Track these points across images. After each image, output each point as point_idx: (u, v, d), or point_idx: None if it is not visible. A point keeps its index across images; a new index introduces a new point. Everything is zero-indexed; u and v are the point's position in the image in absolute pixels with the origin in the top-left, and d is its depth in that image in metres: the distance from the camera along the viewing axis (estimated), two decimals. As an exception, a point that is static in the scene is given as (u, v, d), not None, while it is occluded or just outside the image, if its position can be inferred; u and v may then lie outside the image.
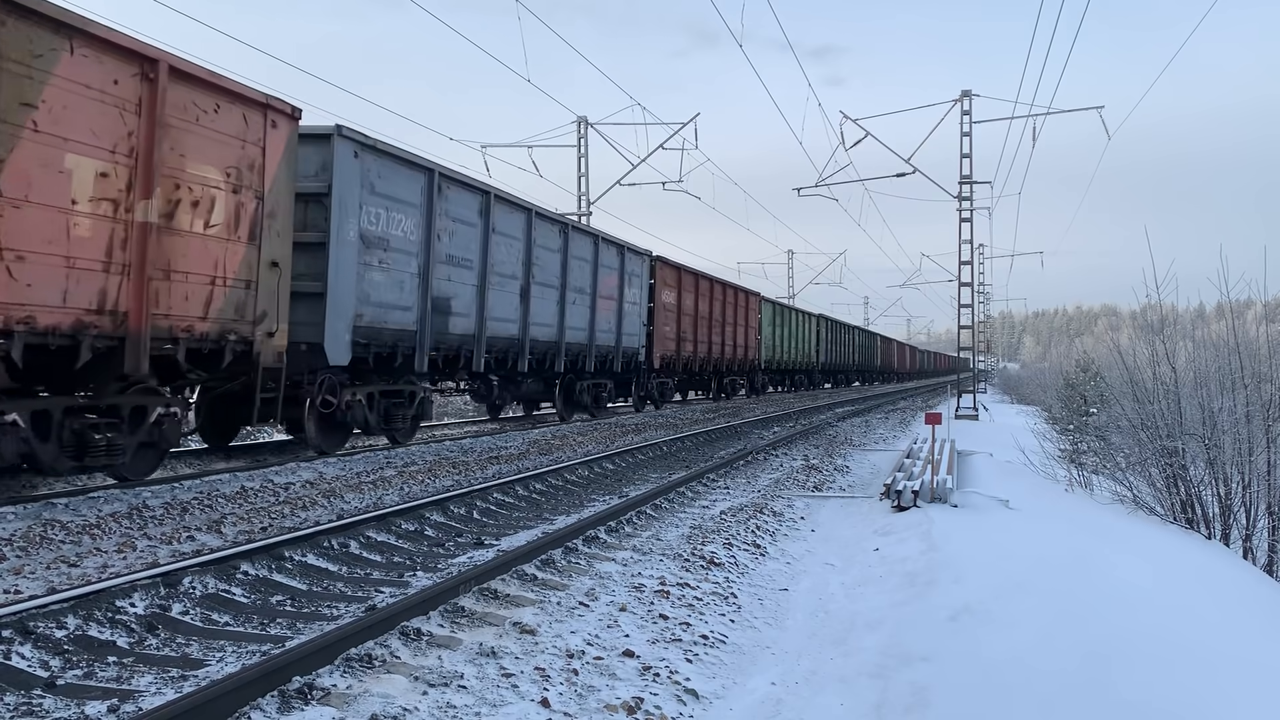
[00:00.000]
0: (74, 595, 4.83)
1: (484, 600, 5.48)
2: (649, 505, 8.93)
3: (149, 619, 4.87)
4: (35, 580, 5.58)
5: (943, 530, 7.58)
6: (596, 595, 5.68)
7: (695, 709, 4.13)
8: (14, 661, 4.17)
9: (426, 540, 7.28)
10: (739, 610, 5.72)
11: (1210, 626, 5.72)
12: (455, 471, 10.80)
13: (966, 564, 6.38)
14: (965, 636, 4.85)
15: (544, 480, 10.13)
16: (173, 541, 6.74)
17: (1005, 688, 4.19)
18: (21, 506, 7.31)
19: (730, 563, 6.78)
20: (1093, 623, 5.13)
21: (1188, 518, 11.02)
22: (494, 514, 8.50)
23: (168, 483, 8.83)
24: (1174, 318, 13.22)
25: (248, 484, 9.02)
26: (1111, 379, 15.27)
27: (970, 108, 29.80)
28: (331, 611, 5.26)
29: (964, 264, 31.34)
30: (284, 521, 7.60)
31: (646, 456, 13.21)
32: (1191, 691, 4.31)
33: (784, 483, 11.28)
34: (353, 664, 4.25)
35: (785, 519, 8.83)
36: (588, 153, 31.64)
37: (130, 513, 7.43)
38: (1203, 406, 11.15)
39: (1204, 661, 4.81)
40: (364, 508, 8.21)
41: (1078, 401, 22.95)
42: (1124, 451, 12.83)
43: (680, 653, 4.75)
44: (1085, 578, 6.21)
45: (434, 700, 3.93)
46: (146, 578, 5.24)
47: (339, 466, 10.58)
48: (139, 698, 3.84)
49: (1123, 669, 4.44)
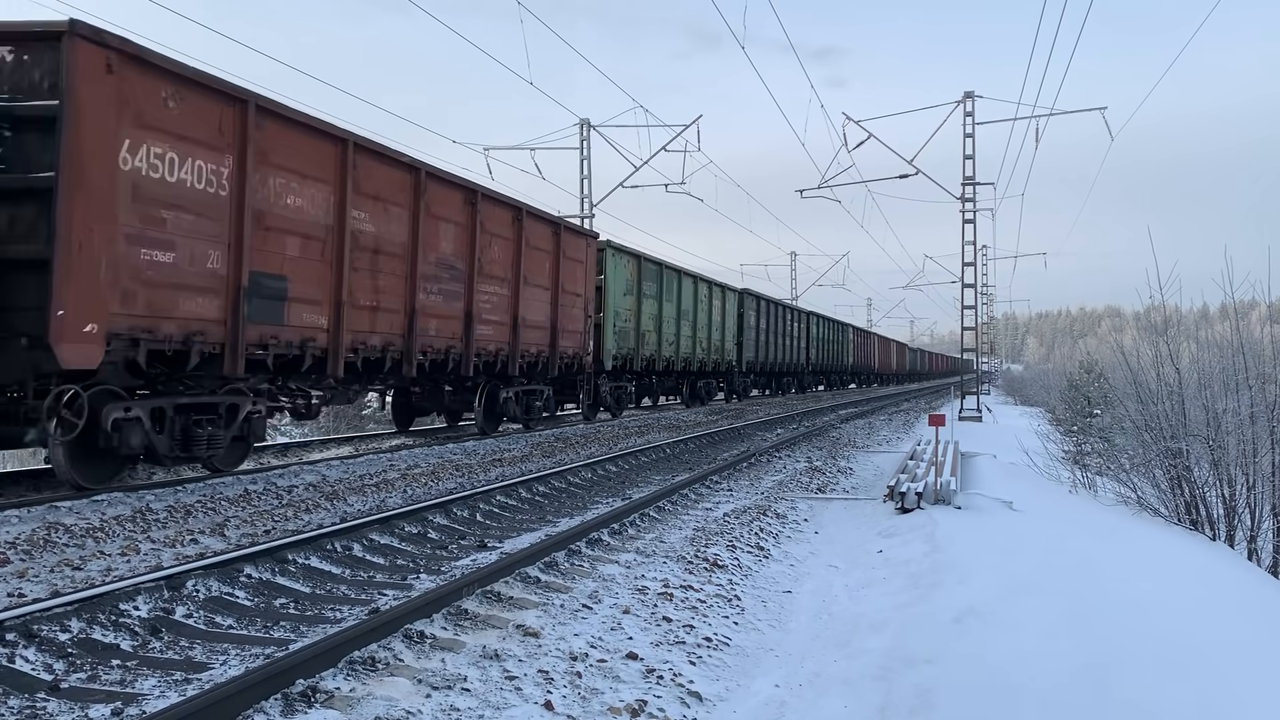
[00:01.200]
0: (78, 598, 4.82)
1: (487, 603, 5.47)
2: (651, 508, 8.93)
3: (153, 622, 4.87)
4: (39, 583, 5.58)
5: (946, 532, 7.57)
6: (600, 597, 5.68)
7: (699, 711, 4.12)
8: (18, 665, 4.17)
9: (430, 543, 7.28)
10: (742, 612, 5.71)
11: (1215, 628, 5.70)
12: (458, 474, 10.80)
13: (970, 566, 6.37)
14: (969, 638, 4.84)
15: (547, 483, 10.13)
16: (176, 544, 6.75)
17: (1009, 690, 4.18)
18: (25, 510, 7.32)
19: (734, 565, 6.77)
20: (1097, 624, 5.13)
21: (1192, 519, 11.01)
22: (497, 516, 8.50)
23: (171, 486, 8.83)
24: (1178, 319, 13.23)
25: (251, 487, 9.03)
26: (1115, 380, 15.26)
27: (973, 109, 29.83)
28: (335, 614, 5.26)
29: (967, 265, 31.35)
30: (287, 524, 7.60)
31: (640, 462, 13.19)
32: (1196, 693, 4.30)
33: (787, 484, 11.27)
34: (356, 667, 4.25)
35: (789, 521, 8.82)
36: (590, 155, 31.70)
37: (134, 515, 7.44)
38: (1207, 407, 11.13)
39: (1209, 663, 4.80)
40: (367, 510, 8.21)
41: (1081, 403, 22.97)
42: (1128, 453, 12.83)
43: (684, 655, 4.75)
44: (1089, 579, 6.21)
45: (437, 703, 3.93)
46: (150, 581, 5.24)
47: (342, 470, 10.58)
48: (143, 701, 3.84)
49: (1127, 671, 4.43)
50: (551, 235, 16.54)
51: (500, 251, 14.63)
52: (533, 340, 16.03)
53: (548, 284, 16.50)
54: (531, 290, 15.77)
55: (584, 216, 31.19)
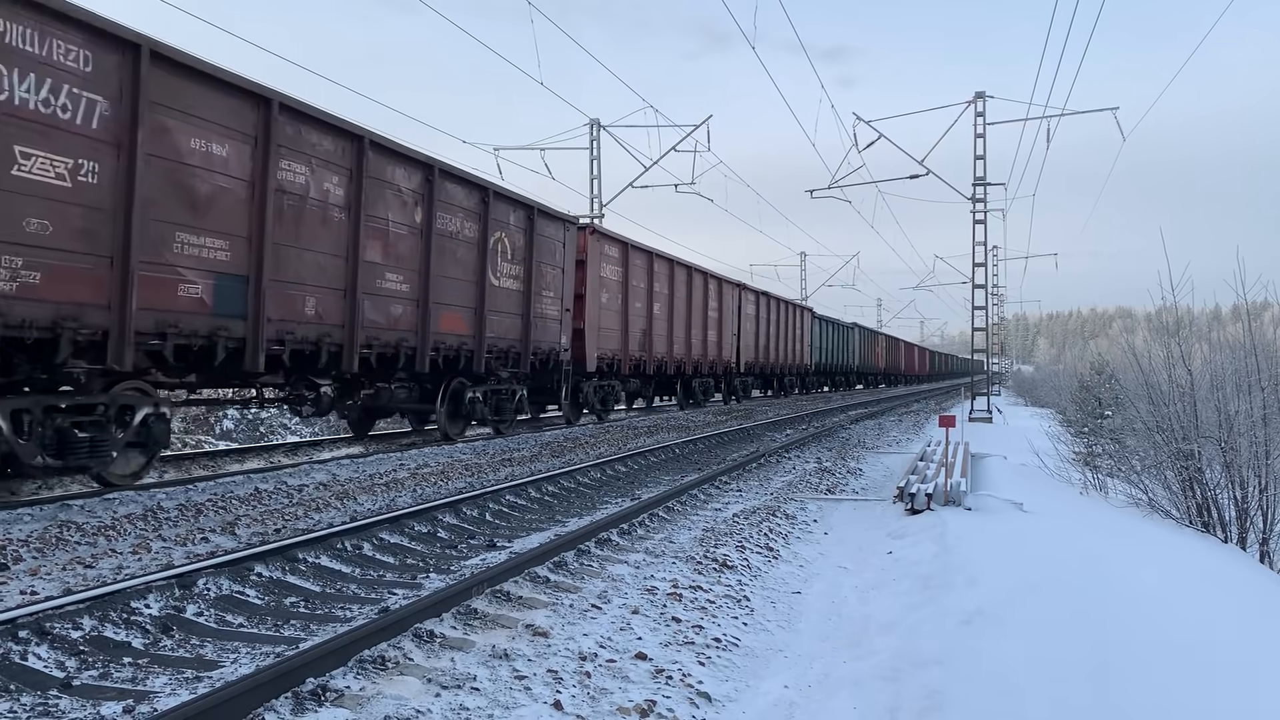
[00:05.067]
0: (90, 596, 4.85)
1: (497, 602, 5.48)
2: (659, 508, 8.93)
3: (164, 620, 4.90)
4: (51, 581, 5.62)
5: (956, 533, 7.55)
6: (609, 598, 5.68)
7: (708, 712, 4.12)
8: (30, 662, 4.20)
9: (439, 542, 7.30)
10: (752, 613, 5.71)
11: (1228, 631, 5.67)
12: (468, 474, 10.82)
13: (980, 567, 6.35)
14: (979, 640, 4.83)
15: (556, 483, 10.14)
16: (187, 543, 6.78)
17: (1019, 691, 4.16)
18: (38, 508, 7.36)
19: (743, 565, 6.76)
20: (1108, 626, 5.10)
21: (1204, 521, 10.95)
22: (506, 516, 8.51)
23: (182, 484, 8.87)
24: (1189, 320, 13.13)
25: (261, 486, 9.06)
26: (1126, 381, 15.19)
27: (984, 109, 29.72)
28: (345, 613, 5.27)
29: (978, 266, 31.25)
30: (298, 523, 7.62)
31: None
32: (1209, 697, 4.28)
33: (797, 485, 11.26)
34: (366, 666, 4.26)
35: (798, 522, 8.81)
36: (600, 155, 31.71)
37: (145, 514, 7.47)
38: (1219, 409, 11.07)
39: (1221, 666, 4.78)
40: (377, 509, 8.23)
41: (1092, 404, 22.87)
42: (1139, 454, 12.76)
43: (693, 655, 4.74)
44: (1100, 581, 6.18)
45: (447, 702, 3.93)
46: (161, 579, 5.27)
47: (352, 468, 10.61)
48: (154, 699, 3.86)
49: (1138, 673, 4.41)
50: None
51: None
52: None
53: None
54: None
55: (594, 216, 31.20)
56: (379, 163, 11.62)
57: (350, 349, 11.07)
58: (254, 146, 9.51)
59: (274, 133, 9.69)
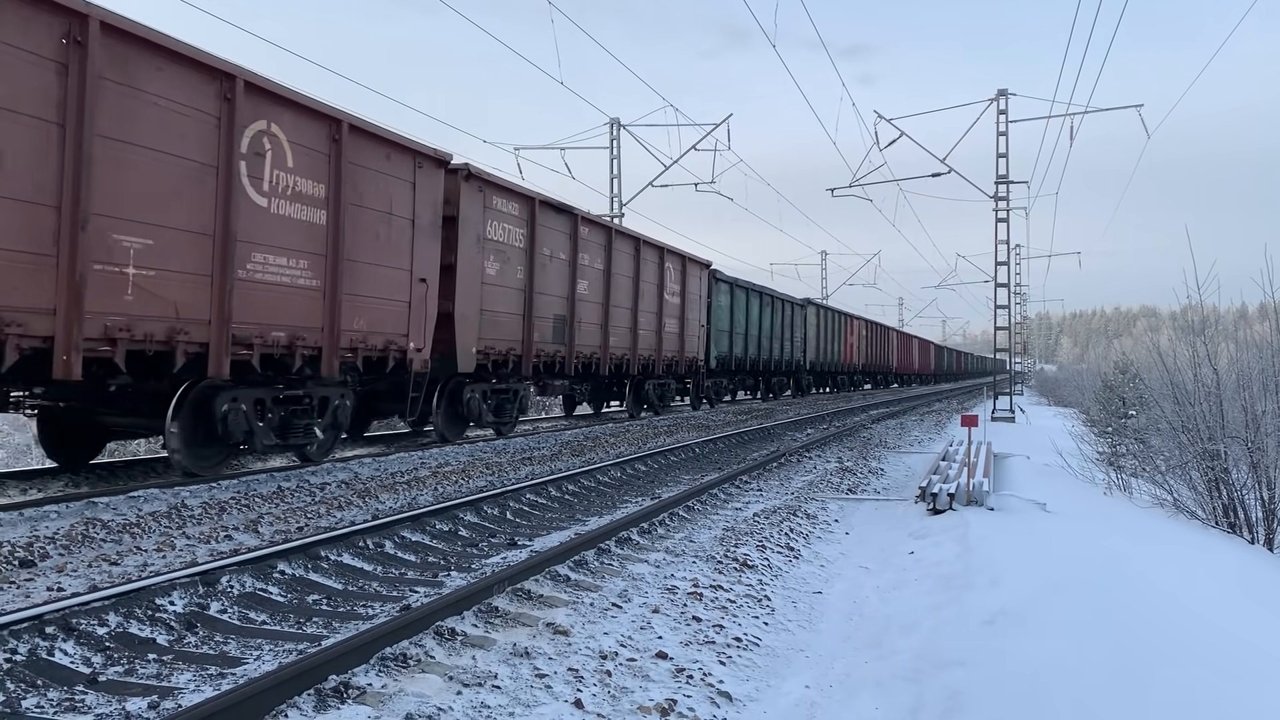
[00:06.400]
0: (115, 593, 4.90)
1: (517, 600, 5.50)
2: (680, 507, 8.92)
3: (188, 617, 4.94)
4: (77, 578, 5.68)
5: (979, 533, 7.51)
6: (629, 596, 5.68)
7: (729, 711, 4.11)
8: (57, 658, 4.24)
9: (460, 540, 7.32)
10: (772, 613, 5.70)
11: (1255, 630, 5.61)
12: (489, 472, 10.85)
13: (1003, 567, 6.31)
14: (1001, 640, 4.80)
15: (576, 481, 10.15)
16: (211, 540, 6.83)
17: (1042, 692, 4.13)
18: (64, 505, 7.44)
19: (764, 565, 6.75)
20: (1132, 627, 5.06)
21: (1230, 522, 10.83)
22: (527, 514, 8.53)
23: (206, 482, 8.94)
24: (1215, 318, 12.99)
25: (284, 484, 9.13)
26: (1151, 381, 15.06)
27: (1006, 107, 29.51)
28: (367, 611, 5.30)
29: (1000, 264, 31.03)
30: (320, 521, 7.67)
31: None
32: (1233, 699, 4.23)
33: (818, 485, 11.22)
34: (388, 663, 4.28)
35: (819, 521, 8.78)
36: (620, 154, 31.71)
37: (169, 512, 7.54)
38: (1246, 409, 10.95)
39: (1247, 668, 4.73)
40: (398, 508, 8.27)
41: (1116, 404, 22.66)
42: (1164, 454, 12.64)
43: (714, 655, 4.74)
44: (1124, 581, 6.13)
45: (468, 700, 3.95)
46: (185, 576, 5.31)
47: (374, 467, 10.66)
48: (178, 695, 3.89)
49: (1162, 674, 4.37)
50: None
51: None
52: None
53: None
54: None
55: (614, 215, 31.22)
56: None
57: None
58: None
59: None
